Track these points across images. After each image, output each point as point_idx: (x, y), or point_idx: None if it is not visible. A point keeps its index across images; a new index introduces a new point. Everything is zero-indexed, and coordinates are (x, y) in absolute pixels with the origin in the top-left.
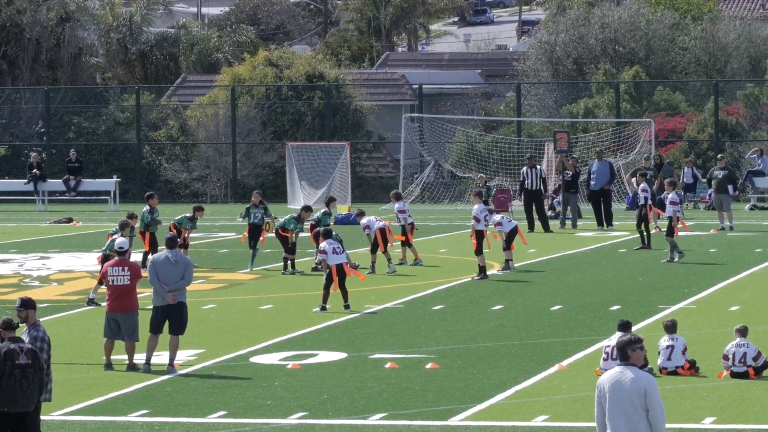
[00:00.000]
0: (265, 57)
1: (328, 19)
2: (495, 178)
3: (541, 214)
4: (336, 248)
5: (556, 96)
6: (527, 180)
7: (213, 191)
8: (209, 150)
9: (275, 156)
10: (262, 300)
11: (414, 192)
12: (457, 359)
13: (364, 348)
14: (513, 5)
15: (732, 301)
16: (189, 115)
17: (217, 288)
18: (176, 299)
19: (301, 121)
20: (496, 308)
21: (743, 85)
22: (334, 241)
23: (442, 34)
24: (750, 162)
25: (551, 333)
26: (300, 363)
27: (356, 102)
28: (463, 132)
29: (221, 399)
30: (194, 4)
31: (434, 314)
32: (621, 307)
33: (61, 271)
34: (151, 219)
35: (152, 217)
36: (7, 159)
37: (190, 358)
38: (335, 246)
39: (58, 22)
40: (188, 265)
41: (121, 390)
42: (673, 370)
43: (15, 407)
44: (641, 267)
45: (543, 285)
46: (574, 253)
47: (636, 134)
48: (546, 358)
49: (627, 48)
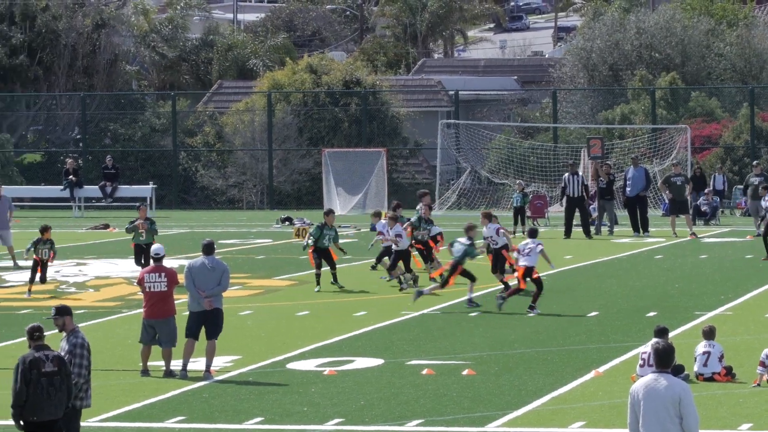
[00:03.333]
0: (306, 63)
1: (364, 25)
2: (531, 184)
3: (584, 221)
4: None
5: (592, 102)
6: (569, 187)
7: (249, 198)
8: (245, 156)
9: (312, 162)
10: (299, 306)
11: (450, 198)
12: (493, 365)
13: (401, 354)
14: (549, 11)
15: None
16: (225, 121)
17: (254, 294)
18: (213, 305)
19: (338, 127)
20: (532, 315)
21: None
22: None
23: (478, 41)
24: None
25: (588, 339)
26: (337, 369)
27: (393, 108)
28: (502, 138)
29: (258, 405)
30: (230, 10)
31: (471, 320)
32: (657, 314)
33: (97, 277)
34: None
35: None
36: (43, 165)
37: (227, 365)
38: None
39: (93, 28)
40: (225, 272)
41: (158, 396)
42: (710, 376)
43: (43, 415)
44: (678, 273)
45: (579, 291)
46: (610, 259)
47: (672, 140)
48: (582, 365)
49: (663, 54)
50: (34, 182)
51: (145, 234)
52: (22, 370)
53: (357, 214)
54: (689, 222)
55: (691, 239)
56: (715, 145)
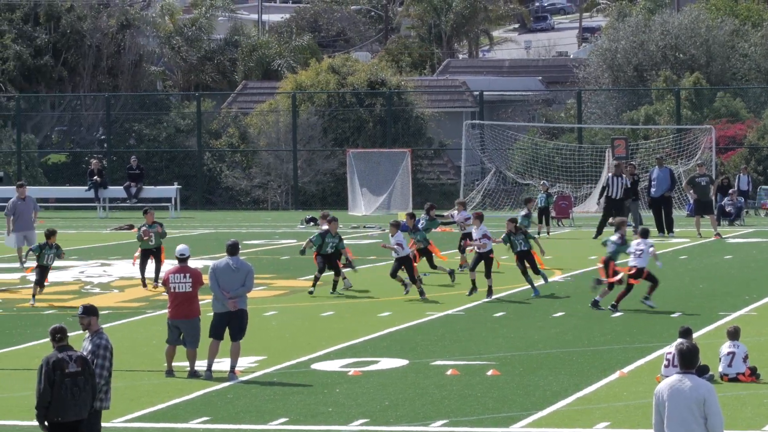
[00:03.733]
0: (329, 64)
1: (389, 25)
2: (556, 184)
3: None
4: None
5: (617, 103)
6: (611, 188)
7: (274, 198)
8: (270, 157)
9: (336, 163)
10: (324, 307)
11: (475, 199)
12: (518, 366)
13: (426, 355)
14: (573, 12)
15: None
16: (249, 122)
17: (279, 295)
18: (237, 306)
19: (362, 127)
20: (557, 315)
21: None
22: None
23: (502, 41)
24: None
25: (612, 339)
26: (361, 370)
27: (417, 109)
28: (526, 139)
29: (282, 406)
30: (255, 11)
31: (495, 321)
32: (682, 314)
33: (122, 278)
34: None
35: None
36: (67, 166)
37: (252, 365)
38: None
39: (118, 29)
40: (249, 272)
41: (182, 397)
42: (734, 377)
43: (68, 416)
44: (702, 274)
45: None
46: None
47: (696, 141)
48: (607, 365)
49: (687, 54)
50: (59, 183)
51: (154, 238)
52: (46, 371)
53: (381, 214)
54: (714, 222)
55: (716, 239)
56: (739, 146)
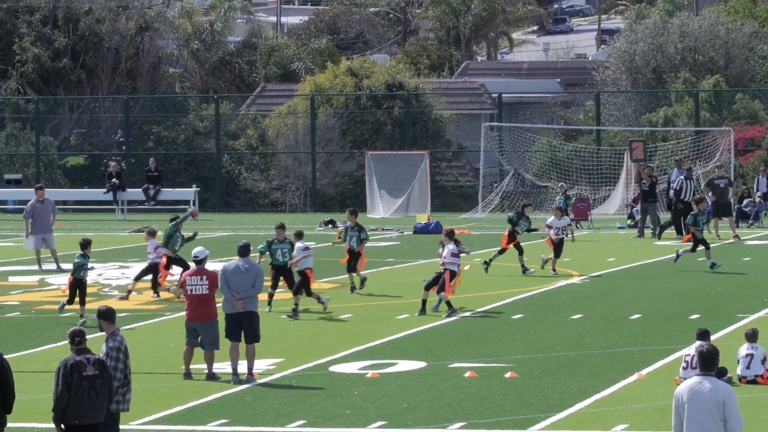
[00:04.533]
0: (347, 66)
1: (408, 28)
2: (575, 187)
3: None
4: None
5: (635, 105)
6: (684, 191)
7: (292, 200)
8: (288, 159)
9: (354, 165)
10: (342, 309)
11: (494, 201)
12: (536, 368)
13: (444, 357)
14: (592, 14)
15: None
16: (268, 124)
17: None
18: (246, 307)
19: (381, 130)
20: (575, 317)
21: None
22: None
23: (521, 43)
24: None
25: (630, 342)
26: (379, 372)
27: (435, 111)
28: (545, 141)
29: (300, 408)
30: (274, 13)
31: (513, 323)
32: (700, 316)
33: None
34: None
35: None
36: (86, 168)
37: (269, 368)
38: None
39: (137, 31)
40: (259, 273)
41: (200, 399)
42: (753, 379)
43: (85, 419)
44: (720, 276)
45: (622, 294)
46: (653, 262)
47: (715, 143)
48: (625, 367)
49: (706, 57)
50: (78, 185)
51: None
52: (64, 374)
53: (400, 216)
54: (732, 224)
55: (734, 241)
56: (758, 148)
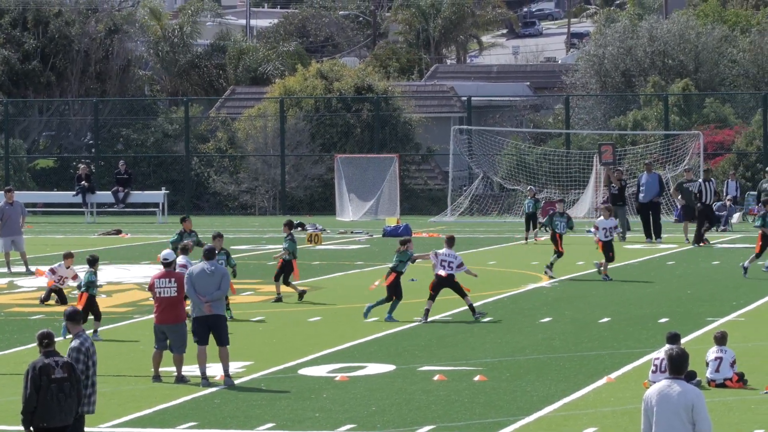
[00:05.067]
0: (317, 69)
1: (377, 31)
2: (544, 190)
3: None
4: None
5: (605, 108)
6: (705, 194)
7: (261, 203)
8: (258, 162)
9: (324, 168)
10: (311, 312)
11: (463, 204)
12: (505, 371)
13: (413, 360)
14: (562, 18)
15: None
16: (237, 127)
17: (266, 300)
18: (212, 310)
19: (350, 133)
20: (544, 320)
21: None
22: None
23: (490, 46)
24: None
25: (600, 345)
26: (348, 375)
27: (405, 114)
28: (512, 144)
29: (269, 411)
30: (243, 16)
31: (483, 326)
32: (669, 320)
33: (109, 282)
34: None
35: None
36: (55, 171)
37: (239, 370)
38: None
39: (106, 34)
40: (224, 276)
41: (170, 402)
42: (722, 382)
43: (53, 422)
44: (690, 279)
45: (591, 297)
46: (622, 265)
47: (684, 146)
48: (594, 371)
49: (676, 61)
50: (47, 188)
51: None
52: (32, 377)
53: (369, 219)
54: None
55: (704, 245)
56: (727, 151)
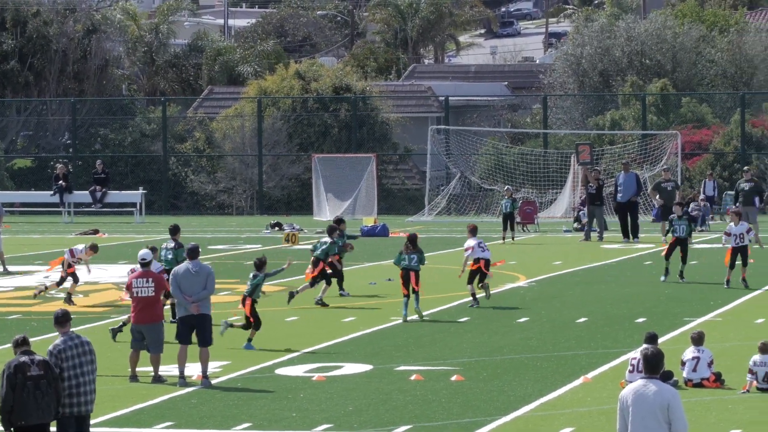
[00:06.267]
0: (295, 69)
1: (355, 31)
2: (521, 190)
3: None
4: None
5: (583, 108)
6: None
7: (239, 203)
8: (235, 162)
9: (301, 168)
10: (288, 312)
11: (440, 204)
12: (482, 371)
13: (390, 360)
14: (540, 17)
15: (758, 313)
16: (215, 126)
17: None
18: (199, 310)
19: (328, 133)
20: (521, 320)
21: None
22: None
23: (468, 46)
24: None
25: (577, 345)
26: (325, 375)
27: (382, 114)
28: (490, 144)
29: (246, 411)
30: (221, 16)
31: (460, 326)
32: (647, 320)
33: (86, 282)
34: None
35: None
36: (33, 171)
37: (216, 370)
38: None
39: (84, 33)
40: (210, 275)
41: (146, 402)
42: (699, 382)
43: (31, 419)
44: (667, 279)
45: (568, 297)
46: (599, 265)
47: (662, 146)
48: (571, 371)
49: (653, 61)
50: (25, 187)
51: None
52: (8, 375)
53: (346, 219)
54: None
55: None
56: (705, 151)
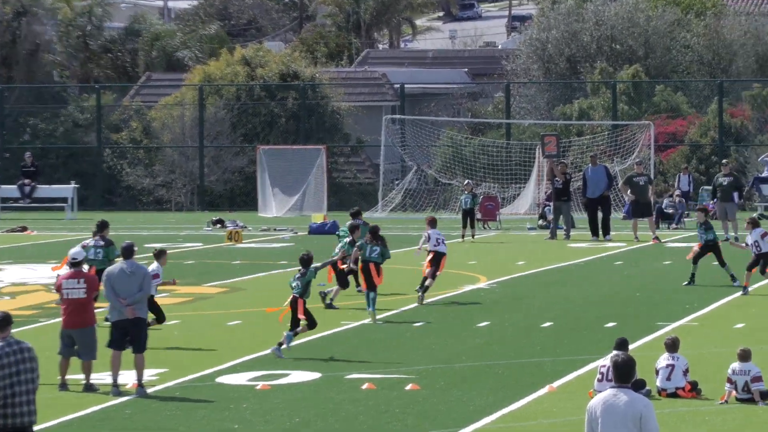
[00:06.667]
0: (241, 55)
1: (304, 13)
2: (482, 184)
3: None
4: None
5: (548, 97)
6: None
7: (178, 198)
8: (174, 154)
9: (245, 160)
10: (230, 315)
11: (395, 199)
12: (439, 380)
13: (340, 368)
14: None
15: (737, 317)
16: (153, 116)
17: (182, 302)
18: (135, 313)
19: (274, 123)
20: (482, 325)
21: (749, 85)
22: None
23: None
24: (760, 165)
25: (541, 352)
26: (270, 384)
27: (333, 103)
28: (448, 135)
29: (185, 422)
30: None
31: (415, 331)
32: (617, 324)
33: (13, 284)
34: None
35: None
36: None
37: (152, 378)
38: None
39: (13, 16)
40: (146, 275)
41: (77, 413)
42: (673, 391)
43: None
44: (639, 281)
45: (533, 300)
46: (566, 265)
47: (634, 138)
48: (536, 379)
49: (624, 46)
50: None
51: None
52: None
53: (294, 216)
54: (652, 225)
55: (654, 244)
56: (680, 143)
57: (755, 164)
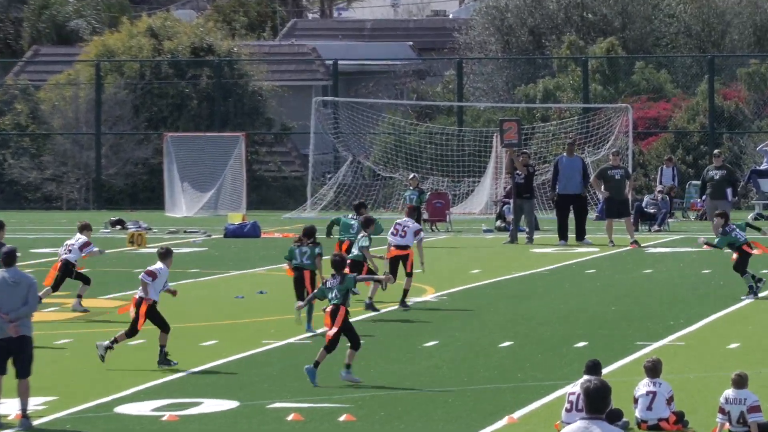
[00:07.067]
0: (148, 24)
1: None
2: (430, 178)
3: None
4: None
5: (508, 75)
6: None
7: (70, 194)
8: (66, 142)
9: (150, 150)
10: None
11: (326, 196)
12: (378, 410)
13: (261, 395)
14: None
15: (730, 336)
16: (42, 97)
17: (75, 318)
18: (19, 331)
19: (184, 105)
20: (429, 344)
21: (745, 61)
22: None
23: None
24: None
25: (500, 376)
26: (179, 414)
27: (254, 82)
28: (389, 121)
29: None
30: None
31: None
32: (588, 344)
33: None
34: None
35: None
36: None
37: (39, 408)
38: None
39: None
40: (31, 286)
41: None
42: (655, 423)
43: None
44: (614, 293)
45: (489, 315)
46: (529, 274)
47: (609, 123)
48: (493, 409)
49: (598, 15)
50: None
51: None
52: None
53: (207, 215)
54: (630, 227)
55: (633, 249)
56: (663, 130)
57: (752, 155)
